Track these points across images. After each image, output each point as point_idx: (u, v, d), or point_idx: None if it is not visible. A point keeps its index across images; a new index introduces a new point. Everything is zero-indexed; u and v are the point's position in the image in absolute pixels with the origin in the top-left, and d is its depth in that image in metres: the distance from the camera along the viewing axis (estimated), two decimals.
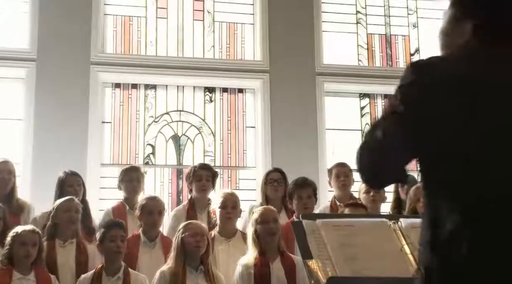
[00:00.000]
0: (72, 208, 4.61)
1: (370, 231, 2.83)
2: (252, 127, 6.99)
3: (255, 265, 4.27)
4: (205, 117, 6.99)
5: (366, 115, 7.36)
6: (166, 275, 4.16)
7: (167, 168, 6.80)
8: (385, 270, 2.66)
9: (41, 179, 5.94)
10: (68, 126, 6.34)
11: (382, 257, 2.73)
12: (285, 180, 5.22)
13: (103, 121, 6.69)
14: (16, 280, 4.16)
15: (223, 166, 6.85)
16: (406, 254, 2.70)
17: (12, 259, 4.20)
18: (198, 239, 4.22)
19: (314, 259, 2.62)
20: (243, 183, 6.87)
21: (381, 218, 3.00)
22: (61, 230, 4.55)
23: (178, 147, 6.89)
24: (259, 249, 4.31)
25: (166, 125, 6.90)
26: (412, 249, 2.67)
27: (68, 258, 4.48)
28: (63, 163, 5.70)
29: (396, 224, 2.83)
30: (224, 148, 6.93)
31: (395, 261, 2.72)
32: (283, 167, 5.50)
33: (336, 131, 7.16)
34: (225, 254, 4.60)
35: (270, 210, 4.50)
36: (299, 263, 4.15)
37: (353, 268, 2.64)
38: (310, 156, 6.72)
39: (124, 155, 6.69)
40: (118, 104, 6.79)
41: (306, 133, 6.83)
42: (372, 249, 2.74)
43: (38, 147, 6.26)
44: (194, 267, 4.23)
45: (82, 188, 5.08)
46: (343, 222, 2.87)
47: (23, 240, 4.20)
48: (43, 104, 6.38)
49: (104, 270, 4.22)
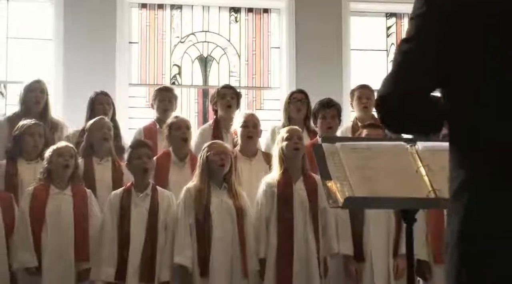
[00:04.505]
0: (105, 126, 4.76)
1: (387, 154, 2.90)
2: (277, 48, 7.03)
3: (279, 184, 4.42)
4: (230, 37, 7.04)
5: (392, 35, 7.33)
6: (191, 192, 4.33)
7: (193, 88, 6.92)
8: (400, 191, 2.75)
9: (71, 98, 6.11)
10: (96, 47, 6.43)
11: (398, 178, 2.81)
12: (308, 101, 5.31)
13: (130, 41, 6.77)
14: (53, 194, 4.37)
15: (248, 87, 6.96)
16: (422, 176, 2.77)
17: (51, 174, 4.41)
18: (222, 157, 4.36)
19: (332, 180, 2.72)
20: (267, 103, 6.98)
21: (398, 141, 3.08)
22: (96, 148, 4.74)
23: (204, 68, 6.98)
24: (284, 167, 4.45)
25: (191, 45, 6.97)
26: (427, 171, 2.76)
27: (104, 174, 4.68)
28: (92, 83, 5.81)
29: (413, 147, 2.88)
30: (249, 69, 7.00)
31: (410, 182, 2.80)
32: (307, 88, 5.57)
33: (361, 51, 7.17)
34: (248, 173, 4.74)
35: (296, 129, 4.63)
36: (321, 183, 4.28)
37: (369, 189, 2.74)
38: (335, 76, 6.76)
39: (152, 75, 6.81)
40: (144, 25, 6.85)
41: (331, 54, 6.84)
42: (388, 171, 2.82)
43: (68, 67, 6.38)
44: (218, 185, 4.40)
45: (112, 107, 5.21)
46: (361, 145, 2.96)
47: (60, 151, 4.39)
48: (71, 25, 6.46)
49: (133, 187, 4.40)
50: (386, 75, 1.73)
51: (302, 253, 4.34)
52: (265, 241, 4.37)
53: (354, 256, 4.40)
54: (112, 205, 4.34)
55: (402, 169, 2.85)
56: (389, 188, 2.78)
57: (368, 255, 4.39)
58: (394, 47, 7.27)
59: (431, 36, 1.64)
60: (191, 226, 4.29)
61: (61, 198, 4.38)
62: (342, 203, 2.70)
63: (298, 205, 4.40)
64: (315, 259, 4.34)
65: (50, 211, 4.32)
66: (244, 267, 4.29)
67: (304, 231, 4.37)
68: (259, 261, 4.36)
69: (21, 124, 4.68)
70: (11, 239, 4.29)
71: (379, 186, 2.78)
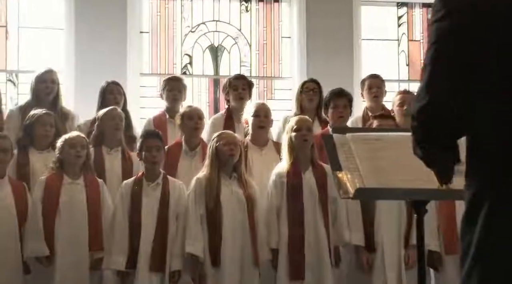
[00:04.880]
0: (116, 116, 4.78)
1: (399, 145, 2.88)
2: (288, 37, 7.01)
3: (288, 174, 4.43)
4: (241, 27, 7.02)
5: (403, 25, 7.29)
6: (202, 181, 4.35)
7: (204, 78, 6.92)
8: (411, 182, 2.73)
9: (83, 87, 6.13)
10: (107, 36, 6.44)
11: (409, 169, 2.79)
12: (320, 91, 5.31)
13: (141, 31, 6.78)
14: (66, 184, 4.40)
15: (259, 76, 6.95)
16: None
17: (63, 164, 4.44)
18: (232, 148, 4.37)
19: (343, 171, 2.72)
20: (278, 93, 6.97)
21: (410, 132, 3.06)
22: (107, 138, 4.76)
23: (215, 57, 6.97)
24: (293, 157, 4.46)
25: (202, 35, 6.96)
26: None
27: (114, 164, 4.71)
28: (103, 72, 5.82)
29: None
30: (260, 58, 6.99)
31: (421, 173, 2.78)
32: (318, 77, 5.57)
33: (373, 41, 7.14)
34: (259, 163, 4.75)
35: (305, 119, 4.62)
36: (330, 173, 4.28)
37: (380, 180, 2.73)
38: (345, 66, 6.74)
39: (163, 65, 6.81)
40: (155, 14, 6.85)
41: (341, 43, 6.82)
42: (399, 162, 2.80)
43: (79, 56, 6.39)
44: (228, 175, 4.41)
45: (123, 97, 5.22)
46: (372, 135, 2.96)
47: (72, 142, 4.41)
48: (83, 14, 6.46)
49: (144, 176, 4.42)
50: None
51: (313, 242, 4.36)
52: (276, 231, 4.39)
53: (365, 246, 4.40)
54: (123, 194, 4.37)
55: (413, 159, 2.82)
56: (400, 179, 2.77)
57: (380, 245, 4.40)
58: (405, 37, 7.24)
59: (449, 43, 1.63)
60: (202, 216, 4.31)
61: (74, 187, 4.41)
62: (353, 194, 2.69)
63: (307, 194, 4.42)
64: (327, 248, 4.36)
65: (64, 201, 4.35)
66: (255, 256, 4.31)
67: (314, 220, 4.39)
68: (270, 251, 4.38)
69: (32, 113, 4.70)
70: (23, 228, 4.32)
71: (390, 177, 2.77)
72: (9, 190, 4.38)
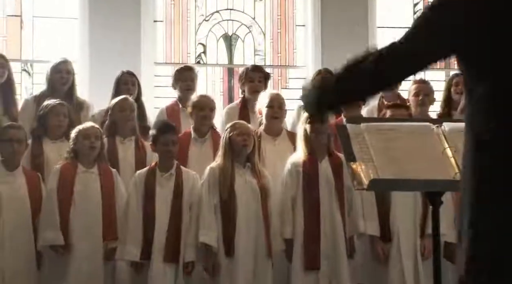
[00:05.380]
0: (127, 107, 4.78)
1: (413, 135, 2.86)
2: (302, 26, 6.96)
3: (304, 163, 4.41)
4: (255, 15, 6.98)
5: (419, 12, 7.22)
6: (215, 171, 4.34)
7: (218, 67, 6.90)
8: (426, 173, 2.73)
9: (97, 77, 6.13)
10: (122, 25, 6.43)
11: (424, 160, 2.78)
12: None
13: (155, 20, 6.76)
14: (80, 173, 4.41)
15: (273, 65, 6.91)
16: (448, 157, 2.74)
17: (77, 154, 4.44)
18: (245, 138, 4.36)
19: (357, 162, 2.70)
20: (292, 82, 6.94)
21: (424, 122, 3.03)
22: (119, 127, 4.76)
23: (229, 46, 6.94)
24: (309, 147, 4.43)
25: (216, 24, 6.93)
26: (454, 152, 2.71)
27: (128, 154, 4.72)
28: (118, 62, 5.84)
29: (439, 128, 2.84)
30: (274, 47, 6.95)
31: (436, 163, 2.76)
32: (332, 66, 5.47)
33: (388, 29, 7.07)
34: (272, 153, 4.72)
35: None
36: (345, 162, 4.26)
37: (394, 171, 2.70)
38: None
39: (177, 54, 6.80)
40: (169, 3, 6.82)
41: (357, 32, 6.75)
42: (414, 152, 2.78)
43: (93, 46, 6.40)
44: (241, 164, 4.40)
45: (137, 88, 5.22)
46: (387, 126, 2.92)
47: (86, 133, 4.42)
48: (97, 3, 6.45)
49: (157, 167, 4.42)
50: None
51: (328, 232, 4.34)
52: (290, 221, 4.37)
53: (380, 236, 4.37)
54: (137, 184, 4.37)
55: (428, 150, 2.81)
56: (414, 170, 2.75)
57: (395, 235, 4.37)
58: None
59: None
60: (215, 206, 4.30)
61: (89, 177, 4.42)
62: (367, 185, 2.67)
63: (323, 183, 4.39)
64: (342, 238, 4.34)
65: (78, 190, 4.37)
66: (268, 247, 4.30)
67: (330, 209, 4.37)
68: (284, 242, 4.36)
69: (46, 104, 4.71)
70: (37, 217, 4.33)
71: (405, 168, 2.74)
72: (23, 181, 4.41)
